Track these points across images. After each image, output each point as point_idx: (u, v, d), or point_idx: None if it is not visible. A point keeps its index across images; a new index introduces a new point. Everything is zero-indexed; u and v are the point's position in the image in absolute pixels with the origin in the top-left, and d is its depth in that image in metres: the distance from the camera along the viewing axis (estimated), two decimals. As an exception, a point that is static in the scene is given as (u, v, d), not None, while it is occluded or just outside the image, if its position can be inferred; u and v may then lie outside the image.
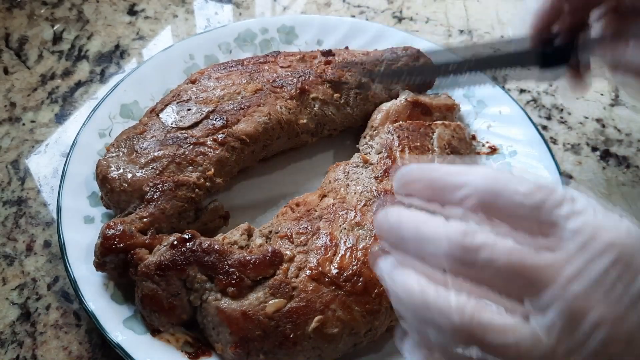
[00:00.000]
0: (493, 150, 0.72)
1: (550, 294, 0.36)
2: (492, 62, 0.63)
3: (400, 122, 0.68)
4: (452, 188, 0.41)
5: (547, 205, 0.38)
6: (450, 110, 0.72)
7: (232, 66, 0.72)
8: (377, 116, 0.71)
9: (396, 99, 0.72)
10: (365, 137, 0.70)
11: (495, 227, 0.39)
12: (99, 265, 0.56)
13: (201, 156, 0.62)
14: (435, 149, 0.65)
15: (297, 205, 0.60)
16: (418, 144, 0.65)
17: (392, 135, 0.66)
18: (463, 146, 0.68)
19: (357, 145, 0.70)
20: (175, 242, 0.54)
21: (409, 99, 0.70)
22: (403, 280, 0.41)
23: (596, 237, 0.36)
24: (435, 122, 0.69)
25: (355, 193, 0.60)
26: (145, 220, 0.57)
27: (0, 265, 0.66)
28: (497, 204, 0.39)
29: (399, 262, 0.43)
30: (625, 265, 0.36)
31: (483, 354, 0.38)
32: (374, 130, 0.69)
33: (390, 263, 0.43)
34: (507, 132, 0.73)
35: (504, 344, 0.37)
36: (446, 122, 0.69)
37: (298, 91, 0.69)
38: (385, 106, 0.71)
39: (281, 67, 0.72)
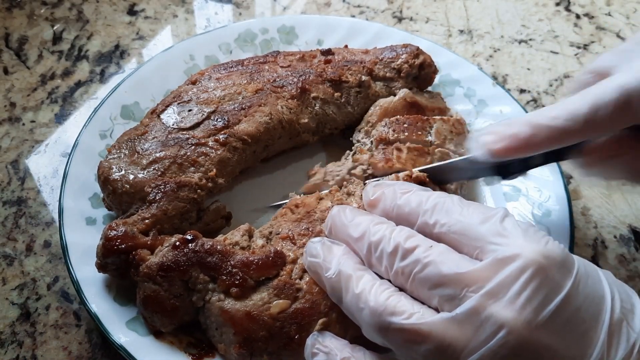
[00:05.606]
0: (494, 150, 0.72)
1: (459, 294, 0.41)
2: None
3: (398, 116, 0.68)
4: (405, 213, 0.49)
5: (475, 227, 0.44)
6: (442, 113, 0.73)
7: (232, 66, 0.72)
8: (375, 110, 0.70)
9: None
10: (360, 132, 0.70)
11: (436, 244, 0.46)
12: (101, 267, 0.56)
13: (203, 157, 0.62)
14: (434, 143, 0.65)
15: (297, 206, 0.60)
16: (414, 137, 0.65)
17: (388, 128, 0.66)
18: (462, 141, 0.68)
19: (350, 139, 0.70)
20: (178, 243, 0.54)
21: (407, 99, 0.70)
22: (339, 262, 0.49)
23: (515, 256, 0.41)
24: (434, 117, 0.69)
25: (351, 195, 0.60)
26: (147, 221, 0.57)
27: (0, 265, 0.66)
28: (438, 223, 0.46)
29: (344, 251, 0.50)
30: (540, 283, 0.40)
31: (391, 339, 0.43)
32: (370, 126, 0.69)
33: (322, 243, 0.51)
34: (508, 132, 0.73)
35: (407, 326, 0.42)
36: (445, 117, 0.68)
37: (299, 91, 0.69)
38: (383, 102, 0.71)
39: (281, 66, 0.72)
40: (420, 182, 0.59)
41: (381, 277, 0.47)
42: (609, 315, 0.40)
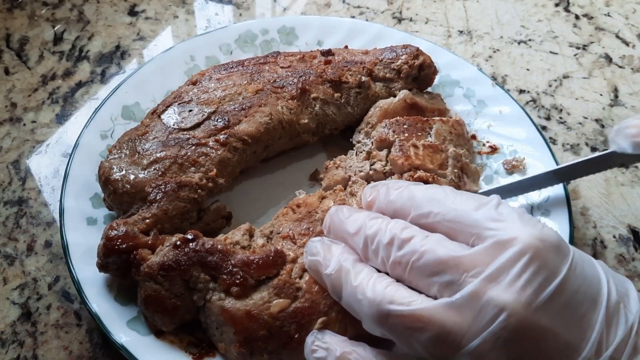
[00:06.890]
0: (494, 149, 0.73)
1: (458, 280, 0.41)
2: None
3: (397, 117, 0.68)
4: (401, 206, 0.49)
5: (470, 214, 0.44)
6: (442, 115, 0.73)
7: (232, 67, 0.72)
8: (375, 111, 0.71)
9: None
10: (360, 133, 0.71)
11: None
12: (102, 267, 0.56)
13: (203, 157, 0.62)
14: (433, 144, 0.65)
15: (298, 206, 0.61)
16: (414, 138, 0.65)
17: (388, 129, 0.66)
18: (461, 142, 0.68)
19: (350, 140, 0.71)
20: (178, 243, 0.54)
21: (407, 100, 0.70)
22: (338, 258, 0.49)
23: (513, 240, 0.41)
24: (434, 117, 0.69)
25: (354, 195, 0.61)
26: (147, 221, 0.57)
27: (1, 265, 0.66)
28: (431, 213, 0.46)
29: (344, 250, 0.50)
30: (539, 266, 0.40)
31: (391, 328, 0.43)
32: (370, 127, 0.70)
33: (322, 242, 0.51)
34: (508, 131, 0.74)
35: (407, 313, 0.42)
36: (444, 119, 0.69)
37: (299, 91, 0.69)
38: (383, 103, 0.71)
39: (281, 67, 0.72)
40: (424, 182, 0.59)
41: (379, 272, 0.47)
42: (606, 298, 0.41)
